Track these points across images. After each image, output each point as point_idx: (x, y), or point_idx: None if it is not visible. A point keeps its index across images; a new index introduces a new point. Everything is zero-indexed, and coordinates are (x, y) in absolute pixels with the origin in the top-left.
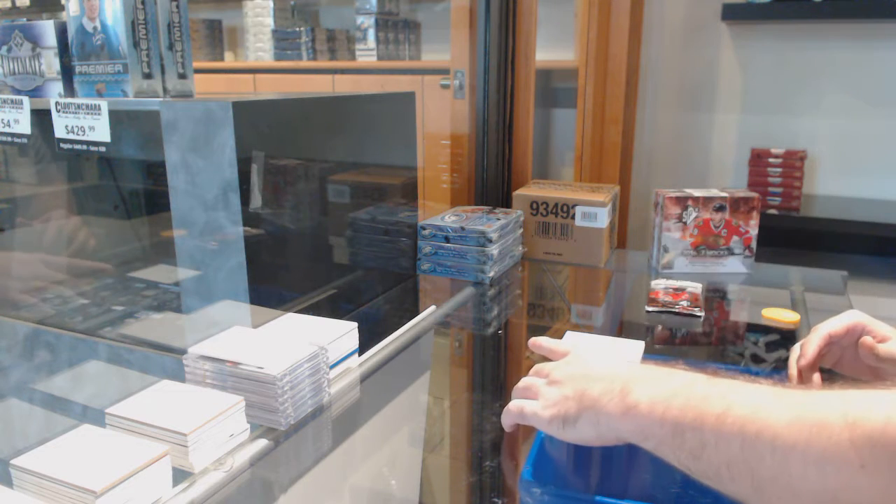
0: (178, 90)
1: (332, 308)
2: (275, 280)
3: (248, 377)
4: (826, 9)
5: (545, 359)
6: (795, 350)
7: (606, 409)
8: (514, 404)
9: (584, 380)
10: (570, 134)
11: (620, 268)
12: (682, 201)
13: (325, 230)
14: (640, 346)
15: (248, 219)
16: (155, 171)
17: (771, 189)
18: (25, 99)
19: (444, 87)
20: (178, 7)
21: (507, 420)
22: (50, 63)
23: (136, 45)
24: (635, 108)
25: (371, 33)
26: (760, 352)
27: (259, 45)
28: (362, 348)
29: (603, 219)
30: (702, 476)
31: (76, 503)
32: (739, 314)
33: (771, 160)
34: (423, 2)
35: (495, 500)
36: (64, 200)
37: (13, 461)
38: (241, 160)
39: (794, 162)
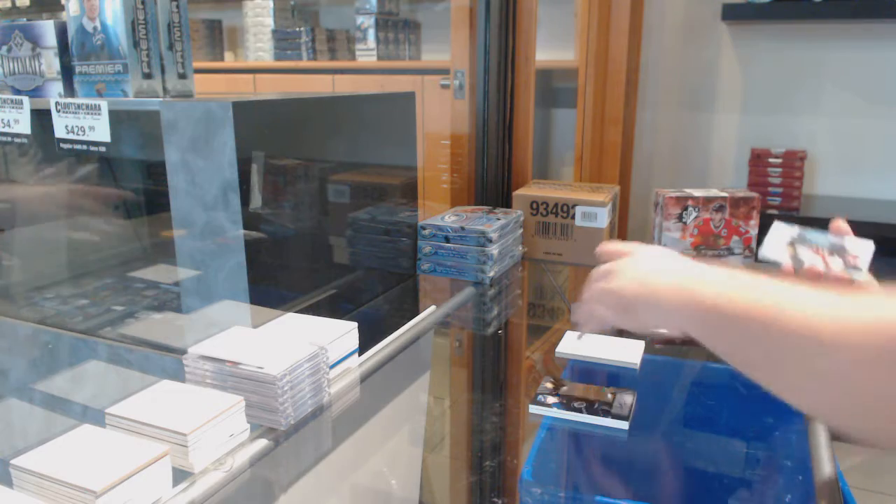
0: (178, 90)
1: (332, 308)
2: (275, 280)
3: (248, 377)
4: (826, 9)
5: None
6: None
7: (662, 292)
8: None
9: (646, 272)
10: (570, 134)
11: None
12: (682, 201)
13: (325, 230)
14: (640, 345)
15: (248, 219)
16: (155, 171)
17: (771, 189)
18: (25, 99)
19: (444, 87)
20: (178, 7)
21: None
22: (50, 63)
23: (136, 45)
24: (635, 109)
25: (371, 33)
26: None
27: (259, 45)
28: (362, 348)
29: (603, 219)
30: (740, 364)
31: (76, 503)
32: None
33: (771, 160)
34: (423, 2)
35: (495, 500)
36: (64, 200)
37: (13, 461)
38: (241, 160)
39: (794, 162)
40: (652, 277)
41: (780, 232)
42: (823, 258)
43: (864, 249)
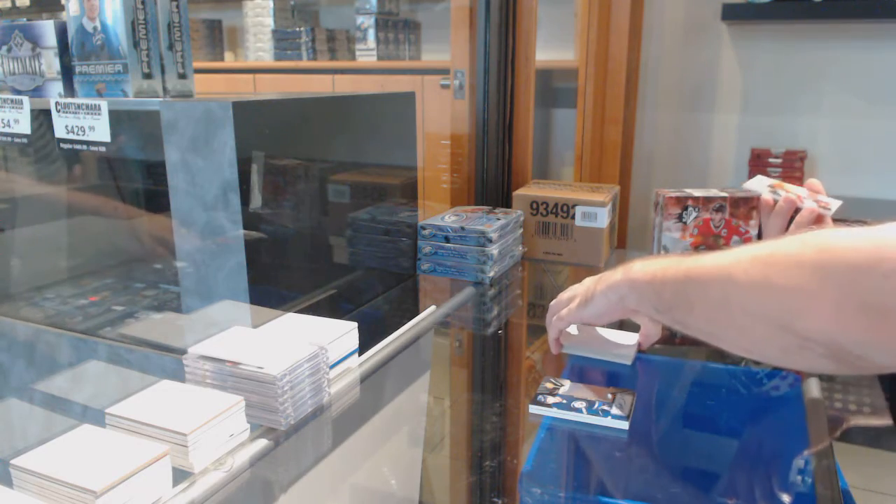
0: (178, 90)
1: (332, 308)
2: (275, 280)
3: (248, 377)
4: (826, 9)
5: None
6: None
7: (613, 277)
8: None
9: (599, 275)
10: (570, 134)
11: None
12: (682, 201)
13: (325, 230)
14: (634, 336)
15: (248, 219)
16: (155, 171)
17: None
18: (25, 99)
19: (444, 87)
20: (178, 7)
21: (550, 322)
22: (50, 63)
23: (136, 45)
24: (635, 108)
25: (371, 33)
26: None
27: (259, 45)
28: (362, 348)
29: (603, 219)
30: (678, 324)
31: (76, 503)
32: None
33: (771, 160)
34: (423, 2)
35: (495, 500)
36: (64, 200)
37: (13, 461)
38: (241, 160)
39: (794, 162)
40: (605, 276)
41: (763, 178)
42: (799, 198)
43: (834, 202)
